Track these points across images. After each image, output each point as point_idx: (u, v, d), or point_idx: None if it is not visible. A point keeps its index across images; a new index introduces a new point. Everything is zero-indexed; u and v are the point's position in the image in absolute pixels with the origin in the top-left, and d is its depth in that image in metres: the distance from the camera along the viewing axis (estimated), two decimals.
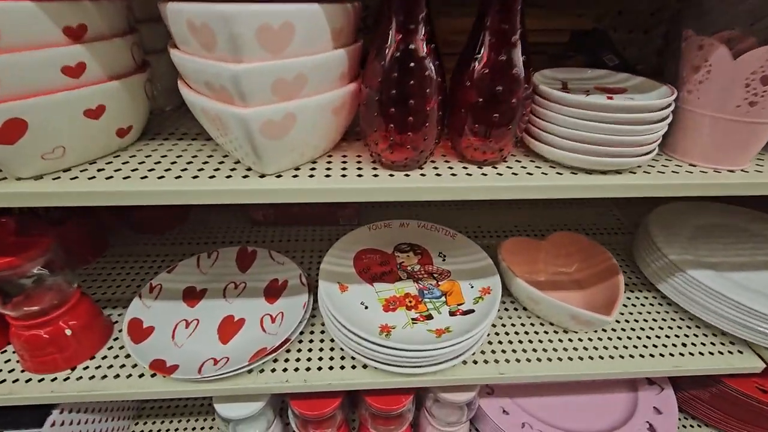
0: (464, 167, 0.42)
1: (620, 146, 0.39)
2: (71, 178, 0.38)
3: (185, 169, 0.40)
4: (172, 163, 0.42)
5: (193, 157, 0.43)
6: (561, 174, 0.42)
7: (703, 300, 0.60)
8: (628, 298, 0.68)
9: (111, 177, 0.39)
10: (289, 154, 0.39)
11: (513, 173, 0.41)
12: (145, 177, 0.39)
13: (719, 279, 0.60)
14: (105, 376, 0.54)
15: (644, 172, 0.42)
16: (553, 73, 0.47)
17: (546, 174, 0.41)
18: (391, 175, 0.41)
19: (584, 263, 0.70)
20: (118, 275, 0.70)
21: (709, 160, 0.43)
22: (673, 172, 0.43)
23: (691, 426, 0.78)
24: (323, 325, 0.62)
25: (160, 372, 0.51)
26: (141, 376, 0.54)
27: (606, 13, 0.70)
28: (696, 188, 0.41)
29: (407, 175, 0.41)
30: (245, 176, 0.40)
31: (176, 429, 0.77)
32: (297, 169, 0.41)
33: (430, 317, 0.56)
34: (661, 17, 0.71)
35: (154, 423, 0.78)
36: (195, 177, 0.39)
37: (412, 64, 0.35)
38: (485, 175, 0.41)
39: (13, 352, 0.56)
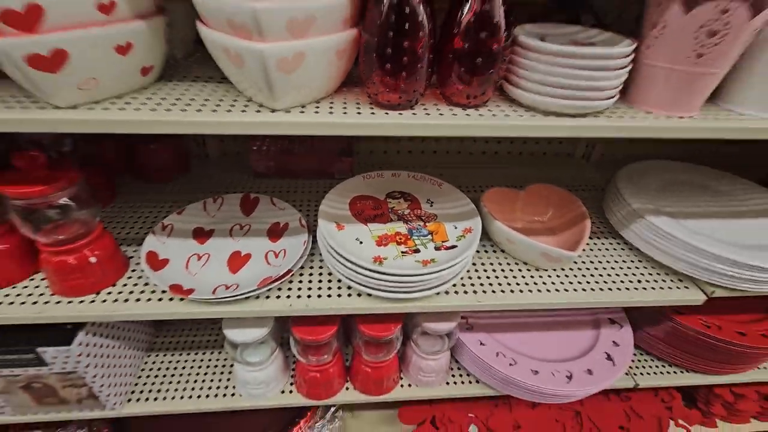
0: (450, 109, 0.48)
1: (586, 90, 0.45)
2: (103, 109, 0.43)
3: (204, 105, 0.46)
4: (192, 99, 0.47)
5: (210, 95, 0.48)
6: (535, 116, 0.48)
7: (658, 242, 0.68)
8: (594, 244, 0.76)
9: (139, 109, 0.44)
10: (297, 91, 0.44)
11: (493, 115, 0.47)
12: (169, 110, 0.44)
13: (674, 224, 0.67)
14: (126, 300, 0.60)
15: (606, 116, 0.49)
16: (534, 28, 0.52)
17: (522, 116, 0.48)
18: (387, 113, 0.46)
19: (558, 212, 0.77)
20: (131, 218, 0.75)
21: (662, 108, 0.50)
22: (631, 117, 0.49)
23: (647, 361, 0.88)
24: (322, 261, 0.69)
25: (179, 294, 0.57)
26: (159, 299, 0.61)
27: None
28: (649, 131, 0.48)
29: (401, 114, 0.46)
30: (258, 111, 0.45)
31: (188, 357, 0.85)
32: (303, 107, 0.47)
33: (417, 251, 0.63)
34: None
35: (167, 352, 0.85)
36: (214, 110, 0.44)
37: (407, 10, 0.40)
38: (468, 115, 0.47)
39: (42, 279, 0.61)
